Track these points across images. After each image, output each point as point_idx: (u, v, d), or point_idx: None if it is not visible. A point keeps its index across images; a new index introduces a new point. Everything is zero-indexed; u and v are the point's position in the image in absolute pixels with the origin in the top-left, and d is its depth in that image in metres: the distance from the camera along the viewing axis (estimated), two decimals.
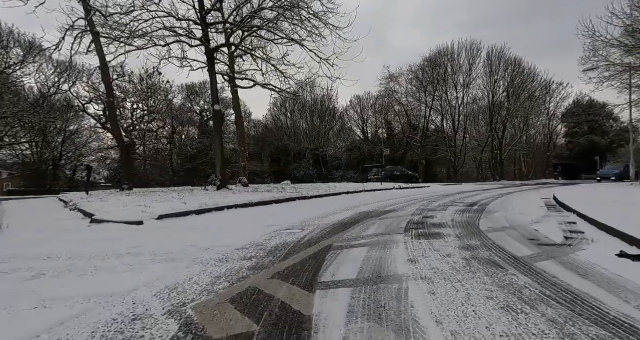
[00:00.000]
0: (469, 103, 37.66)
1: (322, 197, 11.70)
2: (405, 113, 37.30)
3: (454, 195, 12.44)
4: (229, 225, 5.74)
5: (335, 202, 10.28)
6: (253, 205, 8.71)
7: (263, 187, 14.47)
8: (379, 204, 9.15)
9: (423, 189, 17.99)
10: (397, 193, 14.47)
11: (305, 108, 42.16)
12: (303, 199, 10.81)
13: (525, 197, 11.43)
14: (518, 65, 34.68)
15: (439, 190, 16.70)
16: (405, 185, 18.17)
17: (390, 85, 35.99)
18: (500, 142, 38.56)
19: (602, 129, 44.51)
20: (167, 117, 32.04)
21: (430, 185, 20.05)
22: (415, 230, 4.97)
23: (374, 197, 11.82)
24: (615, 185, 17.26)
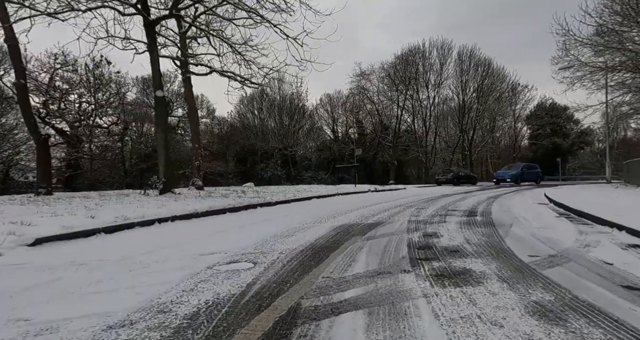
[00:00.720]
0: (440, 103, 37.10)
1: (289, 203, 9.81)
2: (376, 112, 36.11)
3: (439, 200, 10.95)
4: (141, 256, 3.73)
5: (305, 209, 8.43)
6: (198, 216, 6.67)
7: (221, 190, 12.36)
8: (358, 213, 7.39)
9: (400, 191, 16.53)
10: (375, 197, 12.85)
11: (273, 106, 40.04)
12: (266, 206, 8.87)
13: (519, 201, 10.12)
14: (488, 66, 34.46)
15: (418, 192, 15.28)
16: (381, 187, 16.64)
17: (361, 82, 34.67)
18: (470, 143, 38.33)
19: (564, 132, 45.75)
20: (119, 112, 28.83)
21: (406, 187, 18.68)
22: (427, 264, 3.21)
23: (350, 202, 10.09)
24: (594, 187, 16.61)
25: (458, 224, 5.69)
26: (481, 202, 9.88)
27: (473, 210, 7.64)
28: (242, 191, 11.46)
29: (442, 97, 37.17)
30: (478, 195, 13.31)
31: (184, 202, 7.71)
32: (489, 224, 5.64)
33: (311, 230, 5.23)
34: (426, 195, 13.54)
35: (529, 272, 2.91)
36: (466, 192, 15.67)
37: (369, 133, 40.24)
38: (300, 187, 14.00)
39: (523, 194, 14.15)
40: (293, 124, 41.06)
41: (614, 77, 22.90)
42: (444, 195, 12.96)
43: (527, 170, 28.47)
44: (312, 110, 43.88)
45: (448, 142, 41.77)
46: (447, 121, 40.38)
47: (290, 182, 36.39)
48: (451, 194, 13.70)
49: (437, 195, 13.32)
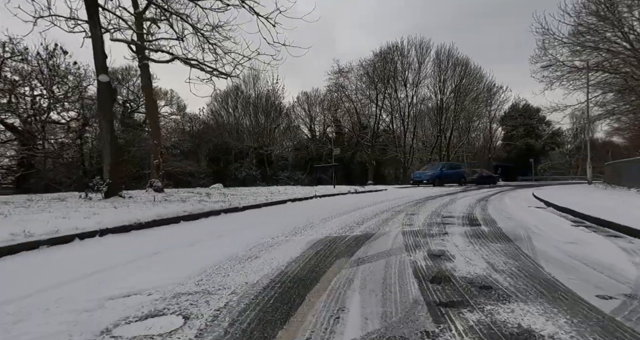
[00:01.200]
0: (418, 103, 36.64)
1: (259, 208, 8.50)
2: (355, 111, 35.20)
3: (427, 202, 9.95)
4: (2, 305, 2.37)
5: (277, 215, 7.17)
6: (141, 227, 5.28)
7: (183, 192, 10.88)
8: (340, 221, 6.20)
9: (381, 192, 15.52)
10: (357, 199, 11.72)
11: (248, 104, 38.40)
12: (232, 212, 7.53)
13: (512, 204, 9.24)
14: (465, 66, 34.27)
15: (400, 194, 14.30)
16: (361, 189, 15.56)
17: (339, 80, 33.64)
18: (448, 144, 38.12)
19: (536, 133, 46.60)
20: (79, 106, 26.48)
21: (386, 188, 17.71)
22: (456, 317, 2.03)
23: (329, 206, 8.90)
24: (578, 187, 16.20)
25: (464, 236, 4.60)
26: (473, 205, 8.94)
27: (471, 217, 6.62)
28: (206, 194, 10.04)
29: (420, 96, 36.78)
30: (464, 196, 12.46)
31: (128, 209, 6.27)
32: (501, 236, 4.58)
33: (282, 248, 3.99)
34: (410, 196, 12.55)
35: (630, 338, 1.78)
36: (450, 193, 14.85)
37: (347, 132, 39.32)
38: (275, 189, 12.71)
39: (507, 195, 13.43)
40: (269, 123, 39.65)
41: (592, 77, 22.91)
42: (429, 198, 12.01)
43: (448, 171, 24.97)
44: (289, 109, 42.58)
45: (425, 142, 41.50)
46: (424, 121, 40.06)
47: (265, 182, 34.89)
48: (436, 196, 12.78)
49: (422, 197, 12.36)
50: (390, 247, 4.00)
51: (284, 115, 42.46)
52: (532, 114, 45.70)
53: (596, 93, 24.27)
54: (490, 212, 7.52)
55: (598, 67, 21.44)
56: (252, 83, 35.28)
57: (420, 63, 34.22)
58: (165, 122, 31.47)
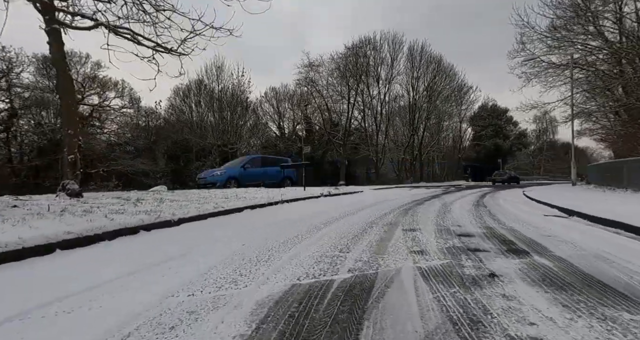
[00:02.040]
0: (391, 101, 35.29)
1: (204, 219, 6.22)
2: (326, 107, 33.24)
3: (418, 208, 8.06)
4: None
5: (224, 233, 4.95)
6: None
7: (108, 197, 8.32)
8: (313, 245, 4.08)
9: (358, 195, 13.59)
10: (331, 204, 9.66)
11: (212, 99, 35.44)
12: (160, 227, 5.22)
13: (523, 211, 7.53)
14: (438, 63, 33.26)
15: (380, 197, 12.42)
16: (335, 190, 13.53)
17: (310, 74, 31.54)
18: (420, 143, 37.09)
19: (504, 133, 46.95)
20: (7, 96, 22.67)
21: (362, 190, 15.81)
22: None
23: (298, 217, 6.76)
24: (572, 189, 15.06)
25: (533, 283, 2.62)
26: (477, 213, 7.14)
27: (496, 234, 4.72)
28: (137, 200, 7.58)
29: (393, 94, 35.47)
30: (451, 198, 10.75)
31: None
32: (592, 281, 2.65)
33: (207, 327, 1.82)
34: (393, 200, 10.66)
35: None
36: (435, 195, 13.17)
37: (317, 130, 37.35)
38: (232, 192, 10.38)
39: (497, 197, 11.89)
40: (235, 119, 36.95)
41: (568, 75, 22.25)
42: (415, 202, 10.18)
43: (255, 169, 17.39)
44: (256, 105, 40.06)
45: (397, 142, 40.30)
46: (396, 120, 38.85)
47: None
48: (422, 199, 10.99)
49: (407, 201, 10.50)
50: (422, 324, 1.93)
51: (251, 112, 39.89)
52: (500, 115, 45.95)
53: (568, 94, 23.78)
54: (510, 223, 5.69)
55: (575, 64, 20.77)
56: (215, 76, 32.44)
57: (393, 59, 32.89)
58: (115, 116, 28.02)
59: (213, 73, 32.47)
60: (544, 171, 56.11)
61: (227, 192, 10.95)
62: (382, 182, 38.24)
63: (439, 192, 15.47)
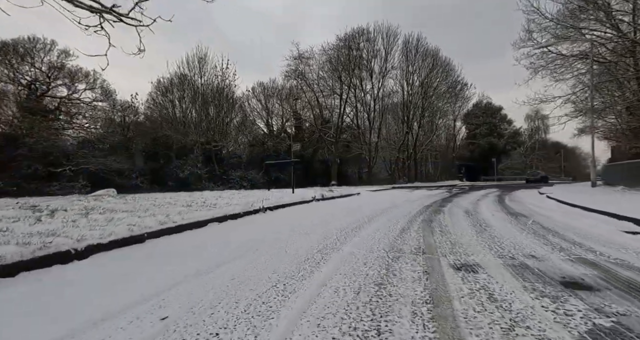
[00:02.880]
0: (384, 96, 33.41)
1: (131, 246, 4.07)
2: (316, 102, 31.15)
3: (429, 216, 6.06)
4: None
5: (154, 275, 2.84)
6: None
7: (11, 207, 6.06)
8: (293, 306, 2.01)
9: (354, 198, 11.56)
10: (325, 213, 7.59)
11: (197, 93, 32.96)
12: (37, 267, 3.06)
13: (588, 225, 5.60)
14: (435, 57, 31.48)
15: (380, 201, 10.41)
16: (328, 193, 11.44)
17: (300, 67, 29.37)
18: (415, 141, 35.33)
19: (498, 131, 45.60)
20: None
21: (359, 192, 13.78)
22: None
23: (277, 236, 4.67)
24: (601, 191, 13.29)
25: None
26: (535, 232, 5.17)
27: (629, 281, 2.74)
28: (51, 211, 5.36)
29: (387, 90, 33.61)
30: (466, 202, 8.82)
31: None
32: None
33: None
34: (400, 206, 8.67)
35: None
36: (445, 199, 11.24)
37: (307, 127, 35.24)
38: (202, 197, 8.22)
39: (517, 200, 10.00)
40: (221, 115, 34.66)
41: (576, 68, 20.67)
42: (429, 208, 8.19)
43: None
44: (243, 101, 37.75)
45: (389, 140, 38.45)
46: (389, 118, 37.04)
47: (213, 182, 29.80)
48: (434, 204, 9.01)
49: (418, 207, 8.51)
50: None
51: (238, 108, 37.59)
52: (494, 113, 44.62)
53: (577, 88, 22.20)
54: (599, 248, 3.72)
55: (586, 55, 19.15)
56: (197, 68, 30.03)
57: (388, 53, 30.98)
58: (86, 110, 25.41)
59: (195, 65, 30.06)
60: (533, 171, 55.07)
61: (196, 196, 8.80)
62: (375, 181, 36.39)
63: (445, 194, 13.57)
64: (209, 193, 10.01)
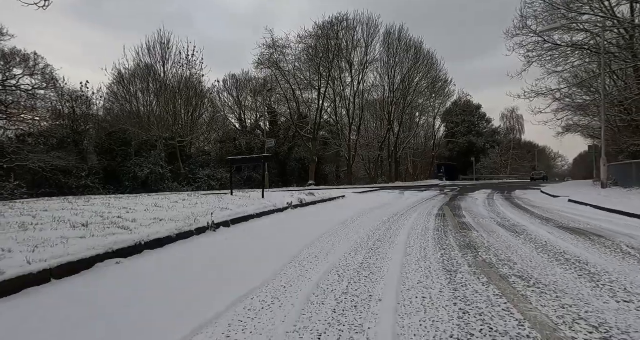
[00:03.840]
0: (365, 91, 31.34)
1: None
2: (292, 96, 28.63)
3: (474, 239, 3.86)
4: None
5: None
6: None
7: None
8: None
9: (340, 203, 9.29)
10: (304, 227, 5.27)
11: (159, 84, 29.58)
12: None
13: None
14: (418, 50, 29.65)
15: (371, 204, 8.21)
16: (307, 197, 9.04)
17: (274, 56, 26.72)
18: (396, 139, 33.52)
19: (477, 130, 44.79)
20: None
21: (344, 195, 11.49)
22: None
23: (211, 301, 2.28)
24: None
25: None
26: None
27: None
28: None
29: (368, 84, 31.59)
30: (480, 209, 6.75)
31: None
32: None
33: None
34: (404, 214, 6.48)
35: None
36: (447, 203, 9.16)
37: (283, 122, 32.68)
38: (125, 204, 5.49)
39: (528, 203, 8.05)
40: (190, 110, 31.59)
41: (568, 60, 19.32)
42: (443, 217, 6.04)
43: None
44: (214, 94, 34.73)
45: (368, 139, 36.46)
46: (369, 115, 35.11)
47: (178, 182, 26.71)
48: (440, 211, 6.87)
49: (427, 214, 6.33)
50: None
51: (208, 102, 34.51)
52: (473, 111, 43.74)
53: (564, 84, 20.96)
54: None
55: (576, 46, 17.78)
56: (159, 55, 26.81)
57: (368, 44, 28.89)
58: (25, 99, 21.77)
59: (157, 51, 26.83)
60: (512, 170, 55.06)
61: (146, 201, 6.22)
62: (355, 181, 34.37)
63: (443, 197, 11.55)
64: (148, 199, 7.39)
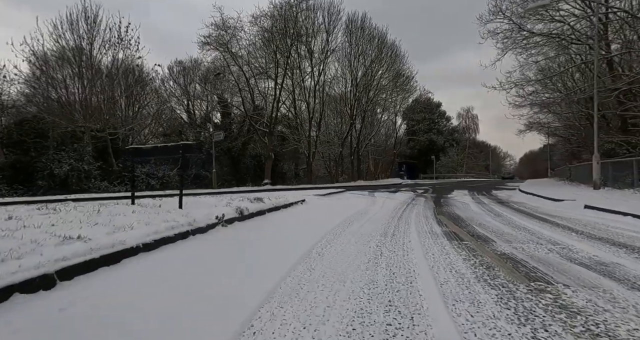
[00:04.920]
0: (327, 82, 28.97)
1: None
2: (247, 85, 25.47)
3: None
4: None
5: None
6: None
7: None
8: None
9: (295, 210, 6.75)
10: (217, 277, 2.54)
11: (89, 68, 24.93)
12: None
13: None
14: (382, 39, 27.71)
15: (337, 211, 5.76)
16: (254, 206, 6.33)
17: (225, 38, 23.34)
18: (359, 136, 31.55)
19: (437, 128, 44.38)
20: None
21: (304, 199, 8.90)
22: None
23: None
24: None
25: None
26: None
27: None
28: None
29: (329, 76, 29.25)
30: (493, 222, 4.58)
31: None
32: None
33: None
34: (396, 232, 4.06)
35: None
36: (435, 208, 6.93)
37: (237, 114, 29.41)
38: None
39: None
40: (132, 100, 27.46)
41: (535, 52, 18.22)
42: (453, 238, 3.67)
43: None
44: (158, 83, 30.68)
45: (329, 135, 34.18)
46: (331, 108, 32.81)
47: (109, 181, 22.57)
48: (444, 230, 4.55)
49: (432, 234, 3.95)
50: None
51: (152, 91, 30.38)
52: (433, 109, 43.21)
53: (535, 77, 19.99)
54: None
55: (552, 35, 16.64)
56: (84, 30, 22.43)
57: (329, 32, 26.50)
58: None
59: (82, 26, 22.38)
60: (467, 169, 55.82)
61: None
62: (315, 180, 31.95)
63: (424, 201, 9.38)
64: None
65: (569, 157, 30.29)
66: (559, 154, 37.31)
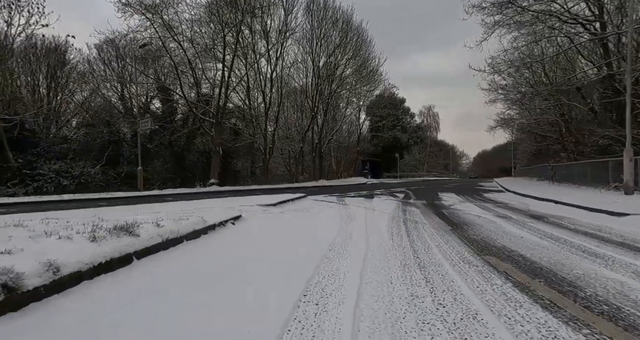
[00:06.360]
0: (285, 70, 25.38)
1: None
2: (188, 67, 21.17)
3: None
4: None
5: None
6: None
7: None
8: None
9: (208, 247, 3.12)
10: None
11: None
12: None
13: None
14: (348, 22, 24.59)
15: (286, 253, 2.37)
16: (88, 252, 2.74)
17: (160, 10, 18.86)
18: (321, 132, 28.28)
19: (402, 125, 42.38)
20: None
21: (240, 214, 5.35)
22: None
23: None
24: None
25: None
26: None
27: None
28: None
29: (288, 62, 25.69)
30: None
31: None
32: None
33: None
34: None
35: None
36: (463, 238, 3.74)
37: (181, 103, 24.92)
38: None
39: None
40: (54, 84, 22.37)
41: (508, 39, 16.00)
42: None
43: None
44: (85, 65, 25.48)
45: (287, 130, 30.62)
46: (291, 99, 29.30)
47: (2, 182, 17.39)
48: None
49: None
50: None
51: (77, 75, 25.15)
52: (397, 105, 41.16)
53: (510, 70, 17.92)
54: None
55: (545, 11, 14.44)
56: None
57: (288, 11, 22.92)
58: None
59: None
60: (428, 167, 54.85)
61: None
62: (273, 180, 28.28)
63: (420, 212, 6.23)
64: None
65: (534, 155, 29.12)
66: (520, 152, 36.70)
